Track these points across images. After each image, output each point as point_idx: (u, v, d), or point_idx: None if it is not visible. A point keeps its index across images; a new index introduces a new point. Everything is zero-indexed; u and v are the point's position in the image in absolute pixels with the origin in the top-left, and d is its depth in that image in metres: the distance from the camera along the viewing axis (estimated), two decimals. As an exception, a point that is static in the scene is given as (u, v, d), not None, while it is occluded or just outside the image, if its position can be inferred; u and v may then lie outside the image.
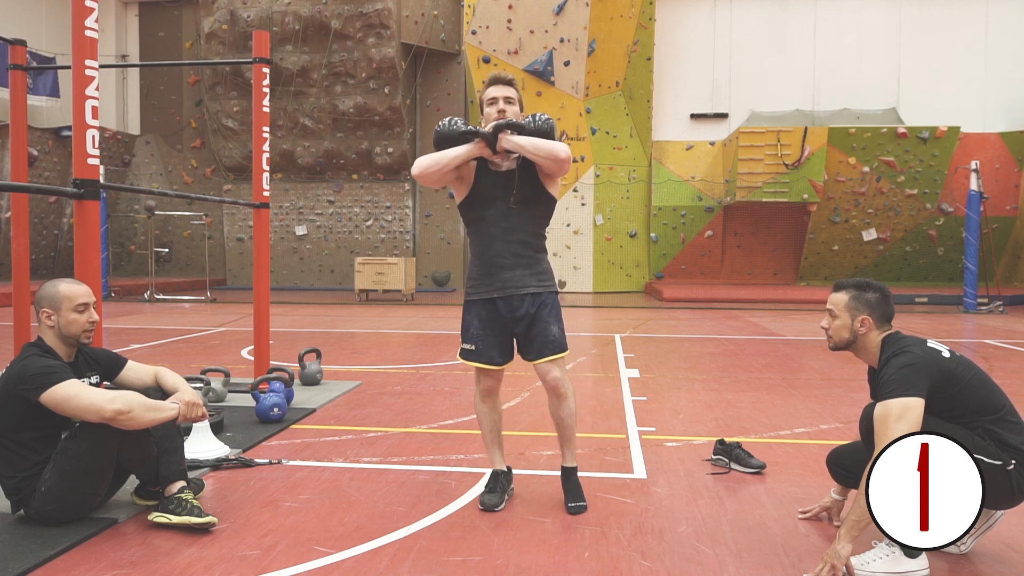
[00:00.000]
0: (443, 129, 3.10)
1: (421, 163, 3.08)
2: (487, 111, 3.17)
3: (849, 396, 5.65)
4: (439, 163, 3.06)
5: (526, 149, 3.01)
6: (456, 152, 3.06)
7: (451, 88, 18.53)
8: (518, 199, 3.11)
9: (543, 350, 3.13)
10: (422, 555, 2.68)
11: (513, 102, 3.16)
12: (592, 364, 7.13)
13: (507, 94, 3.15)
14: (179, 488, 2.94)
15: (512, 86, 3.19)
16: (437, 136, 3.11)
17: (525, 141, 3.01)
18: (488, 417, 3.27)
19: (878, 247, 17.31)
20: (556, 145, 3.01)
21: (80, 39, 3.35)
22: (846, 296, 2.75)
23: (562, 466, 3.29)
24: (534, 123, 3.06)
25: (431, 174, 3.07)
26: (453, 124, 3.09)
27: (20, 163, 5.16)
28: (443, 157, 3.06)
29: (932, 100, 17.65)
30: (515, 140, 3.02)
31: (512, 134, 3.04)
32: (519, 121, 3.06)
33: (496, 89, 3.17)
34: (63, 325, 2.91)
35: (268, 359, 5.35)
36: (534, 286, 3.15)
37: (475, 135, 3.05)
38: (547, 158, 3.00)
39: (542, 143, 3.01)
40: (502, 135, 3.04)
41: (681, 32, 18.42)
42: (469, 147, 3.07)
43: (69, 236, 18.06)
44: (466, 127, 3.08)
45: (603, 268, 17.79)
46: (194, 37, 19.36)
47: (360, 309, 13.44)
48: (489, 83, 3.20)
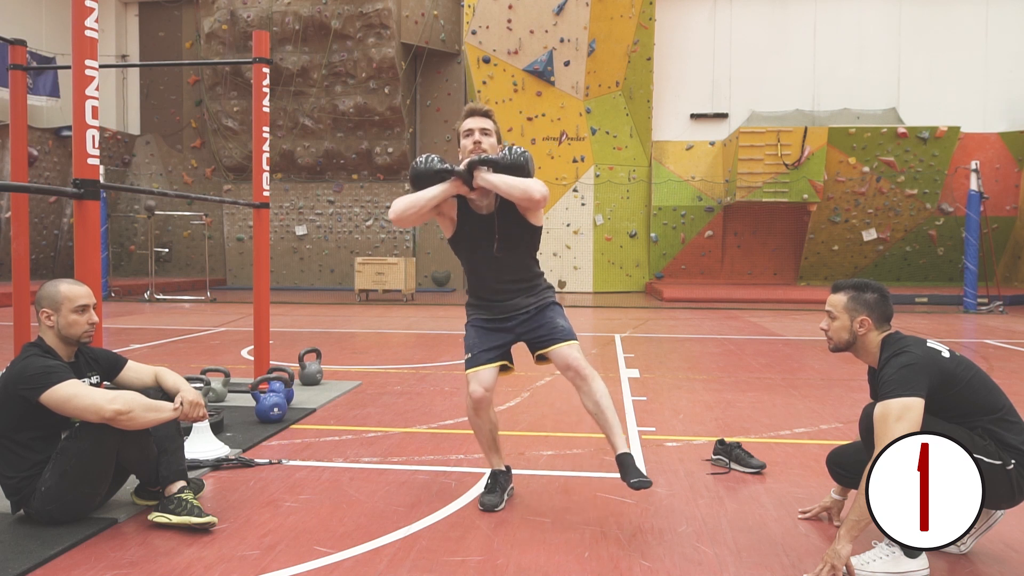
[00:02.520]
0: (419, 167, 3.06)
1: (398, 207, 3.04)
2: (463, 143, 3.13)
3: (849, 396, 5.65)
4: (415, 205, 3.02)
5: (500, 188, 2.97)
6: (432, 193, 3.03)
7: (451, 88, 18.53)
8: (501, 248, 3.11)
9: (553, 336, 3.11)
10: (422, 555, 2.68)
11: (490, 133, 3.11)
12: (592, 364, 7.11)
13: (483, 126, 3.10)
14: (179, 488, 2.94)
15: (489, 117, 3.14)
16: (413, 174, 3.07)
17: (498, 180, 2.97)
18: (483, 428, 3.24)
19: (878, 247, 17.31)
20: (530, 185, 2.95)
21: (80, 39, 3.35)
22: (844, 297, 2.75)
23: (616, 456, 2.95)
24: (508, 156, 3.00)
25: (408, 216, 3.04)
26: (429, 162, 3.06)
27: (20, 163, 5.16)
28: (419, 199, 3.02)
29: (932, 100, 17.65)
30: (489, 178, 2.98)
31: (487, 170, 3.00)
32: (492, 156, 3.01)
33: (472, 121, 3.11)
34: (63, 326, 2.91)
35: (268, 359, 5.35)
36: (535, 303, 3.19)
37: (450, 173, 3.02)
38: (521, 198, 2.97)
39: (516, 183, 2.95)
40: (477, 172, 3.00)
41: (681, 32, 18.42)
42: (444, 186, 3.03)
43: (69, 236, 18.06)
44: (441, 165, 3.04)
45: (603, 268, 17.79)
46: (194, 37, 19.36)
47: (360, 309, 13.44)
48: (465, 115, 3.15)
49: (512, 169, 2.99)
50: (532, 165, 3.04)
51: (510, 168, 2.99)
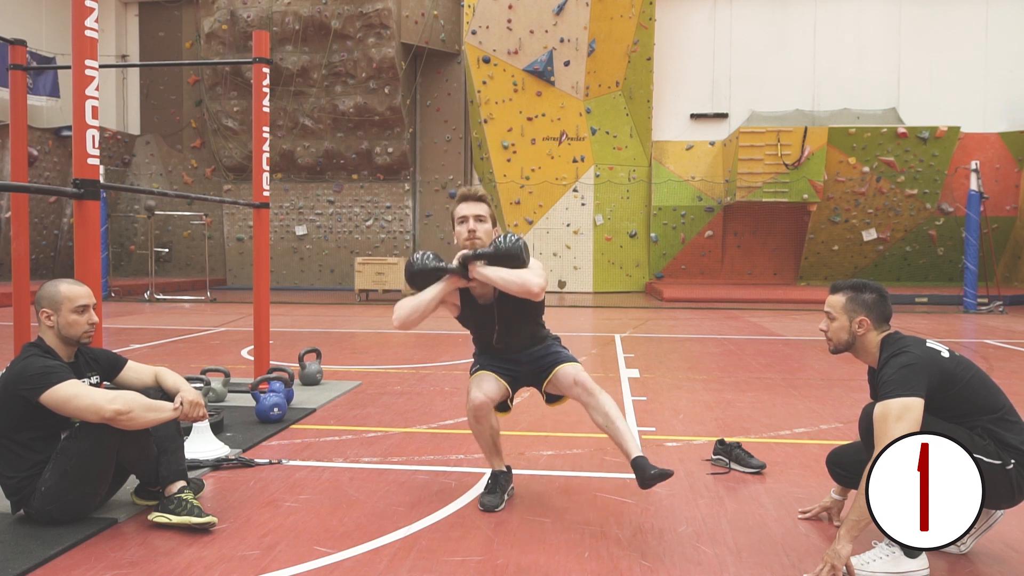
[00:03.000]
0: (415, 266, 3.08)
1: (401, 313, 3.07)
2: (457, 229, 3.16)
3: (849, 396, 5.65)
4: (418, 310, 3.06)
5: (496, 283, 2.99)
6: (432, 295, 3.06)
7: (451, 88, 18.52)
8: (500, 339, 3.18)
9: (556, 362, 3.15)
10: (422, 555, 2.68)
11: (484, 219, 3.13)
12: (592, 364, 7.13)
13: (477, 212, 3.12)
14: (179, 488, 2.94)
15: (483, 202, 3.15)
16: (409, 272, 3.10)
17: (494, 275, 2.99)
18: (484, 434, 3.24)
19: (878, 247, 17.31)
20: (527, 280, 2.96)
21: (80, 39, 3.35)
22: (843, 298, 2.74)
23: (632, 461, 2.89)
24: (503, 245, 3.01)
25: (412, 321, 3.08)
26: (424, 259, 3.08)
27: (20, 163, 5.17)
28: (420, 304, 3.05)
29: (932, 100, 17.65)
30: (485, 272, 3.00)
31: (483, 263, 3.02)
32: (485, 250, 3.02)
33: (466, 207, 3.13)
34: (63, 326, 2.91)
35: (268, 359, 5.35)
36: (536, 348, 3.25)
37: (446, 271, 3.05)
38: (519, 292, 2.99)
39: (512, 279, 2.97)
40: (472, 267, 3.03)
41: (681, 32, 18.41)
42: (442, 285, 3.07)
43: (69, 236, 18.06)
44: (436, 263, 3.06)
45: (603, 268, 17.79)
46: (194, 37, 19.35)
47: (360, 309, 13.44)
48: (459, 200, 3.17)
49: (506, 259, 3.01)
50: (527, 252, 3.06)
51: (504, 258, 3.00)
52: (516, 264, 3.02)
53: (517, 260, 3.01)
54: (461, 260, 3.04)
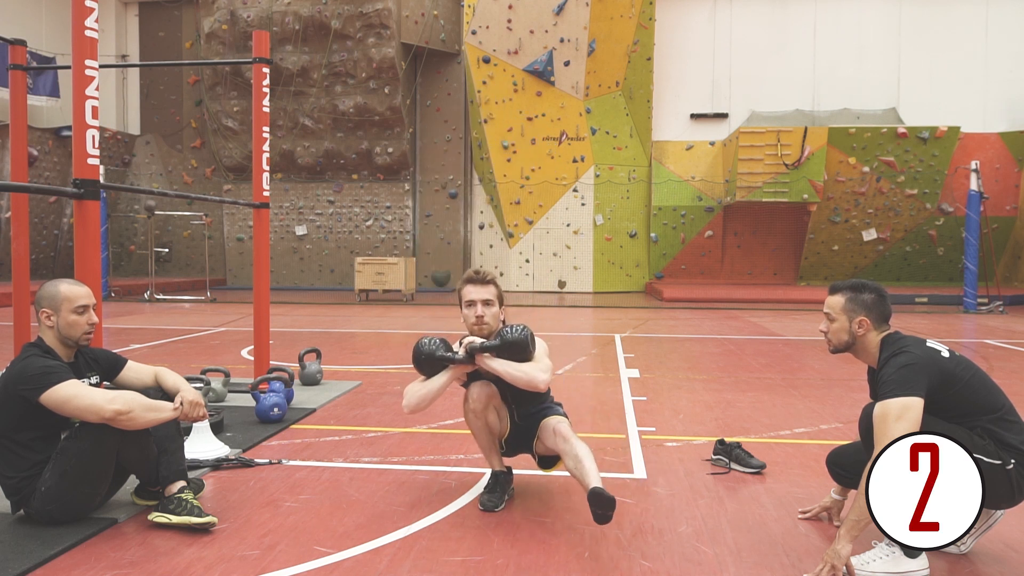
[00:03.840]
0: (422, 353, 3.14)
1: (410, 402, 3.16)
2: (465, 312, 3.19)
3: (849, 396, 5.65)
4: (427, 399, 3.15)
5: (503, 377, 3.04)
6: (440, 383, 3.13)
7: (451, 88, 18.52)
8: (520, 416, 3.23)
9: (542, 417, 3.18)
10: (422, 555, 2.68)
11: (492, 304, 3.15)
12: (592, 364, 7.13)
13: (485, 297, 3.14)
14: (179, 488, 2.94)
15: (491, 284, 3.16)
16: (416, 359, 3.17)
17: (501, 368, 3.02)
18: (482, 431, 3.26)
19: (878, 247, 17.31)
20: (534, 376, 2.99)
21: (80, 39, 3.35)
22: (842, 299, 2.74)
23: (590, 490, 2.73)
24: (510, 335, 3.04)
25: (421, 408, 3.18)
26: (433, 346, 3.12)
27: (20, 163, 5.17)
28: (429, 393, 3.13)
29: (932, 100, 17.65)
30: (492, 365, 3.04)
31: (490, 355, 3.05)
32: (492, 343, 3.05)
33: (474, 291, 3.15)
34: (62, 326, 2.90)
35: (268, 359, 5.35)
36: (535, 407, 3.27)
37: (453, 361, 3.09)
38: (525, 387, 3.03)
39: (519, 376, 3.00)
40: (479, 358, 3.06)
41: (681, 32, 18.41)
42: (450, 375, 3.13)
43: (69, 236, 18.06)
44: (443, 352, 3.10)
45: (603, 268, 17.80)
46: (194, 37, 19.36)
47: (360, 309, 13.44)
48: (466, 281, 3.18)
49: (513, 350, 3.04)
50: (533, 342, 3.09)
51: (511, 348, 3.04)
52: (522, 354, 3.06)
53: (523, 351, 3.05)
54: (468, 351, 3.07)
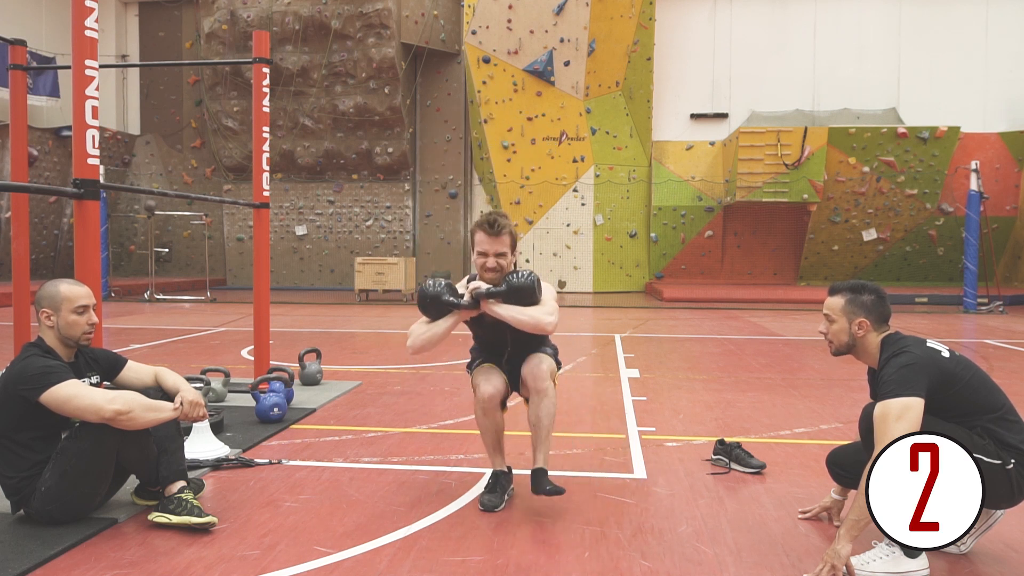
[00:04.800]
0: (427, 296, 3.11)
1: (415, 343, 3.15)
2: (477, 259, 3.16)
3: (849, 396, 5.65)
4: (431, 340, 3.14)
5: (509, 321, 3.04)
6: (445, 326, 3.12)
7: (451, 88, 18.52)
8: (511, 360, 3.22)
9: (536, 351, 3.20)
10: (422, 555, 2.68)
11: (504, 255, 3.12)
12: (592, 364, 7.13)
13: (498, 249, 3.10)
14: (179, 488, 2.94)
15: (506, 235, 3.11)
16: (420, 300, 3.15)
17: (507, 313, 3.02)
18: (489, 429, 3.25)
19: (878, 247, 17.31)
20: (540, 318, 3.00)
21: (80, 39, 3.35)
22: (842, 300, 2.74)
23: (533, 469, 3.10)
24: (517, 281, 3.04)
25: (425, 350, 3.16)
26: (438, 289, 3.10)
27: (20, 163, 5.17)
28: (434, 335, 3.12)
29: (932, 100, 17.65)
30: (498, 311, 3.04)
31: (496, 300, 3.04)
32: (499, 289, 3.04)
33: (488, 242, 3.10)
34: (62, 326, 2.91)
35: (268, 359, 5.35)
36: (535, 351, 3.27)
37: (458, 307, 3.07)
38: (533, 331, 3.04)
39: (526, 319, 3.01)
40: (485, 303, 3.05)
41: (681, 32, 18.41)
42: (455, 319, 3.12)
43: (69, 236, 18.06)
44: (449, 297, 3.08)
45: (603, 268, 17.79)
46: (194, 37, 19.35)
47: (360, 309, 13.44)
48: (480, 228, 3.12)
49: (519, 296, 3.03)
50: (539, 288, 3.08)
51: (517, 294, 3.03)
52: (529, 300, 3.05)
53: (530, 297, 3.05)
54: (474, 297, 3.06)
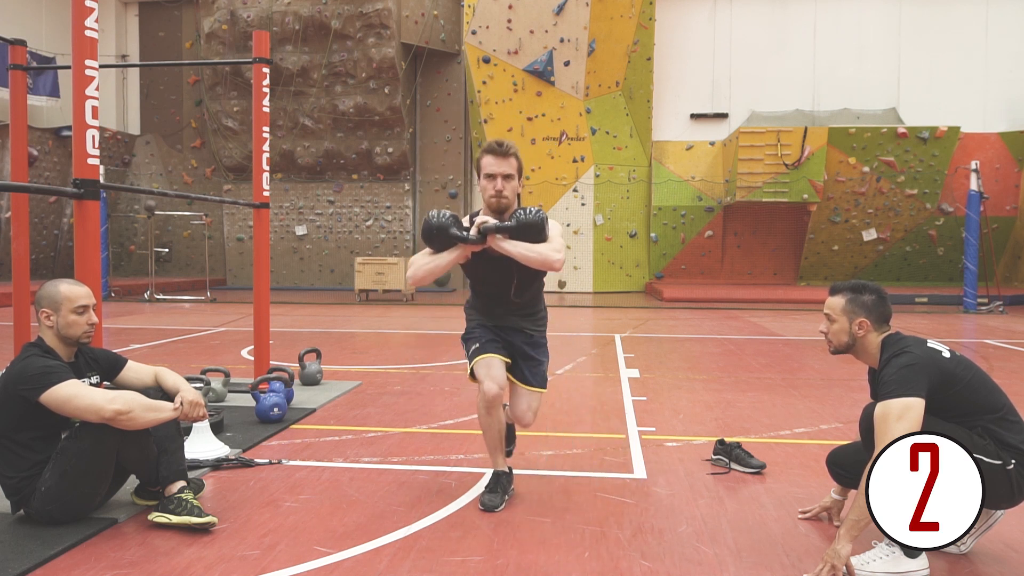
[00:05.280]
0: (431, 227, 3.07)
1: (416, 274, 3.12)
2: (483, 183, 3.12)
3: (849, 396, 5.65)
4: (432, 272, 3.11)
5: (516, 257, 3.02)
6: (448, 258, 3.09)
7: (451, 88, 18.52)
8: (519, 292, 3.20)
9: (532, 380, 3.30)
10: (422, 555, 2.68)
11: (512, 178, 3.10)
12: (592, 364, 7.13)
13: (506, 171, 3.08)
14: (179, 488, 2.94)
15: (512, 157, 3.09)
16: (426, 231, 3.09)
17: (514, 249, 3.00)
18: (493, 428, 3.23)
19: (878, 247, 17.31)
20: (548, 255, 2.99)
21: (80, 39, 3.35)
22: (842, 300, 2.74)
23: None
24: (524, 217, 3.01)
25: (426, 281, 3.15)
26: (443, 219, 3.06)
27: (20, 163, 5.16)
28: (436, 266, 3.10)
29: (932, 100, 17.64)
30: (504, 247, 3.01)
31: (503, 236, 3.02)
32: (508, 224, 3.02)
33: (495, 164, 3.07)
34: (62, 326, 2.91)
35: (268, 359, 5.35)
36: (530, 328, 3.33)
37: (464, 240, 3.04)
38: (541, 266, 3.03)
39: (532, 254, 2.99)
40: (491, 238, 3.03)
41: (681, 32, 18.41)
42: (458, 251, 3.09)
43: (69, 236, 18.06)
44: (455, 230, 3.04)
45: (603, 268, 17.79)
46: (194, 37, 19.35)
47: (360, 309, 13.44)
48: (488, 151, 3.10)
49: (527, 232, 3.00)
50: (547, 225, 3.06)
51: (525, 231, 3.00)
52: (537, 237, 3.02)
53: (539, 234, 3.02)
54: (482, 231, 3.02)
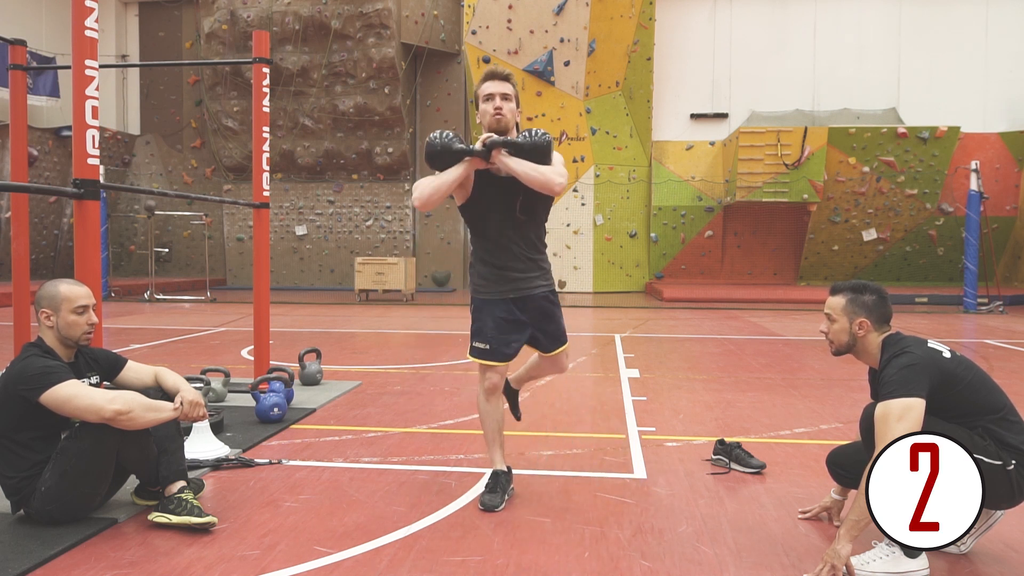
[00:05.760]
0: (435, 146, 3.04)
1: (422, 193, 3.06)
2: (483, 107, 3.14)
3: (849, 396, 5.65)
4: (439, 190, 3.04)
5: (519, 175, 2.99)
6: (453, 175, 3.05)
7: (451, 88, 18.52)
8: (523, 209, 3.13)
9: (556, 343, 3.37)
10: (422, 555, 2.68)
11: (510, 98, 3.13)
12: (592, 364, 7.13)
13: (503, 90, 3.11)
14: (179, 488, 2.94)
15: (508, 81, 3.15)
16: (429, 151, 3.05)
17: (517, 166, 2.99)
18: (492, 416, 3.27)
19: (878, 247, 17.31)
20: (550, 176, 2.98)
21: (80, 39, 3.35)
22: (843, 300, 2.74)
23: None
24: (530, 138, 3.01)
25: (434, 201, 3.06)
26: (445, 138, 3.05)
27: (20, 163, 5.16)
28: (441, 184, 3.04)
29: (932, 100, 17.65)
30: (508, 163, 3.00)
31: (506, 152, 3.01)
32: (514, 140, 3.02)
33: (492, 85, 3.12)
34: (62, 327, 2.90)
35: (268, 359, 5.34)
36: (543, 285, 3.29)
37: (469, 153, 3.03)
38: (541, 188, 3.00)
39: (535, 173, 2.98)
40: (495, 153, 3.02)
41: (681, 32, 18.41)
42: (463, 167, 3.05)
43: (69, 236, 18.05)
44: (459, 145, 3.04)
45: (603, 268, 17.79)
46: (194, 37, 19.35)
47: (360, 309, 13.44)
48: (485, 78, 3.15)
49: (533, 152, 3.00)
50: (552, 149, 3.06)
51: (532, 151, 3.00)
52: (541, 160, 3.03)
53: (543, 156, 3.02)
54: (486, 145, 3.02)
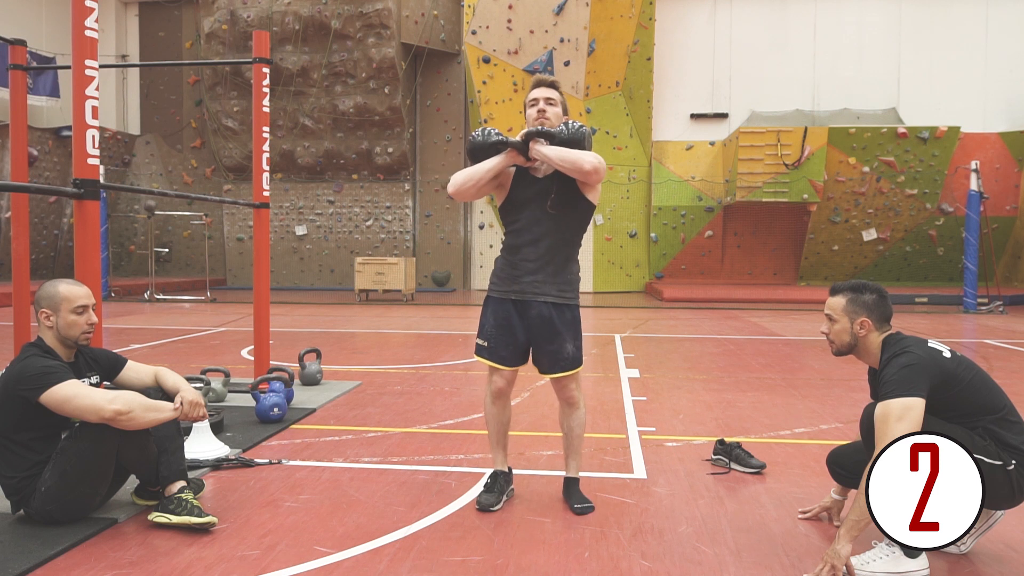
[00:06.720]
0: (476, 140, 3.11)
1: (456, 180, 3.10)
2: (528, 112, 3.19)
3: (849, 396, 5.65)
4: (473, 178, 3.06)
5: (553, 161, 3.00)
6: (489, 165, 3.07)
7: (451, 88, 18.52)
8: (555, 204, 3.10)
9: (555, 367, 3.15)
10: (422, 555, 2.68)
11: (555, 103, 3.16)
12: (592, 364, 7.13)
13: (548, 95, 3.16)
14: (179, 488, 2.94)
15: (555, 88, 3.19)
16: (471, 146, 3.13)
17: (551, 152, 3.00)
18: (497, 419, 3.27)
19: (878, 247, 17.30)
20: (581, 156, 2.97)
21: (80, 39, 3.35)
22: (843, 300, 2.74)
23: (565, 476, 3.29)
24: (566, 131, 3.04)
25: (467, 189, 3.08)
26: (486, 135, 3.10)
27: (20, 163, 5.16)
28: (476, 172, 3.07)
29: (932, 100, 17.64)
30: (543, 151, 3.02)
31: (544, 142, 3.04)
32: (550, 129, 3.06)
33: (539, 91, 3.17)
34: (62, 327, 2.91)
35: (268, 359, 5.35)
36: (553, 295, 3.12)
37: (506, 145, 3.06)
38: (572, 170, 2.99)
39: (567, 154, 2.98)
40: (533, 143, 3.05)
41: (681, 32, 18.41)
42: (501, 158, 3.08)
43: (69, 236, 18.05)
44: (498, 137, 3.08)
45: (603, 268, 17.79)
46: (194, 37, 19.35)
47: (360, 309, 13.44)
48: (533, 85, 3.21)
49: (569, 143, 3.03)
50: (589, 141, 3.07)
51: (567, 142, 3.03)
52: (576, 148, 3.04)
53: (579, 146, 3.04)
54: (525, 136, 3.06)
